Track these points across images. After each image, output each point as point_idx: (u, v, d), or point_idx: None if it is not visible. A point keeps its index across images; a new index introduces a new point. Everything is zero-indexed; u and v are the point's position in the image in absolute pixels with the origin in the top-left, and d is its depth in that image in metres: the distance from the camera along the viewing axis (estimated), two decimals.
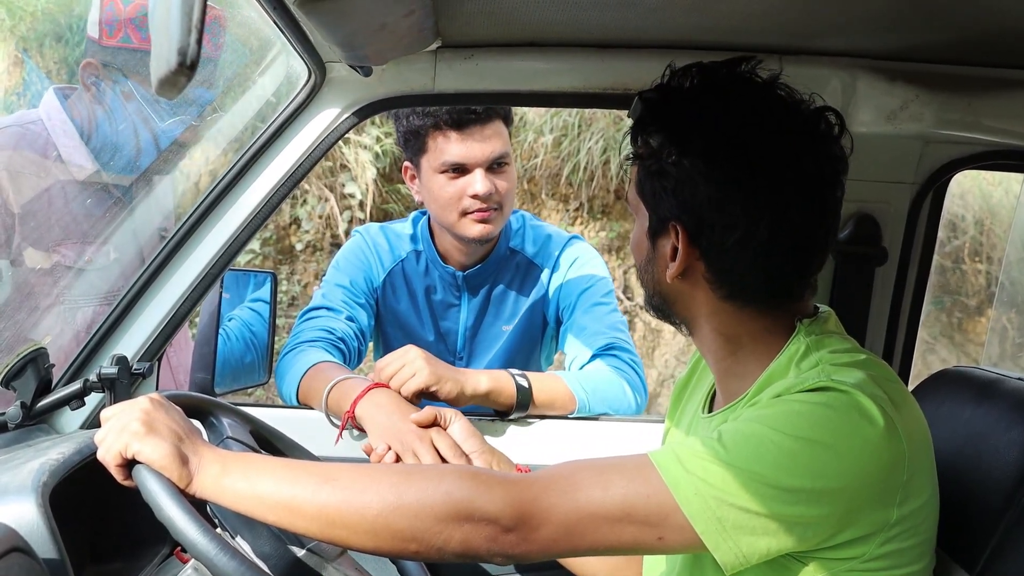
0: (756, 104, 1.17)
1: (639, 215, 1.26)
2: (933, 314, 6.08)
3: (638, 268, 1.29)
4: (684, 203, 1.17)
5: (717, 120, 1.16)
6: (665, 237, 1.21)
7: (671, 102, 1.20)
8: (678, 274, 1.20)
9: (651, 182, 1.20)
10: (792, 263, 1.19)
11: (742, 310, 1.21)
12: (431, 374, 1.69)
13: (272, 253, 6.22)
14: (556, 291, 2.12)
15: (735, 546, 1.05)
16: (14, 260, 2.01)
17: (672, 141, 1.17)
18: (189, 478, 1.11)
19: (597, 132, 6.29)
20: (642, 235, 1.25)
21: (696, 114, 1.18)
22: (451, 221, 2.02)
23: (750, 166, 1.14)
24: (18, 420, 1.49)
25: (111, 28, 1.98)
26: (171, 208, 2.24)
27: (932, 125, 1.65)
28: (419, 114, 1.97)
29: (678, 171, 1.16)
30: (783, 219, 1.15)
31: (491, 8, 1.45)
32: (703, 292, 1.21)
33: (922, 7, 1.35)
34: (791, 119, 1.17)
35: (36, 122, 2.05)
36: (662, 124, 1.19)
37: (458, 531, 1.05)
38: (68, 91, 2.10)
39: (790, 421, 1.07)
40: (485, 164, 1.99)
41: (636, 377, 1.93)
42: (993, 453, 1.30)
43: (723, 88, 1.19)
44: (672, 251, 1.20)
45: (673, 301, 1.26)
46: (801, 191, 1.15)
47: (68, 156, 2.03)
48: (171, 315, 1.69)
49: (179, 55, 0.68)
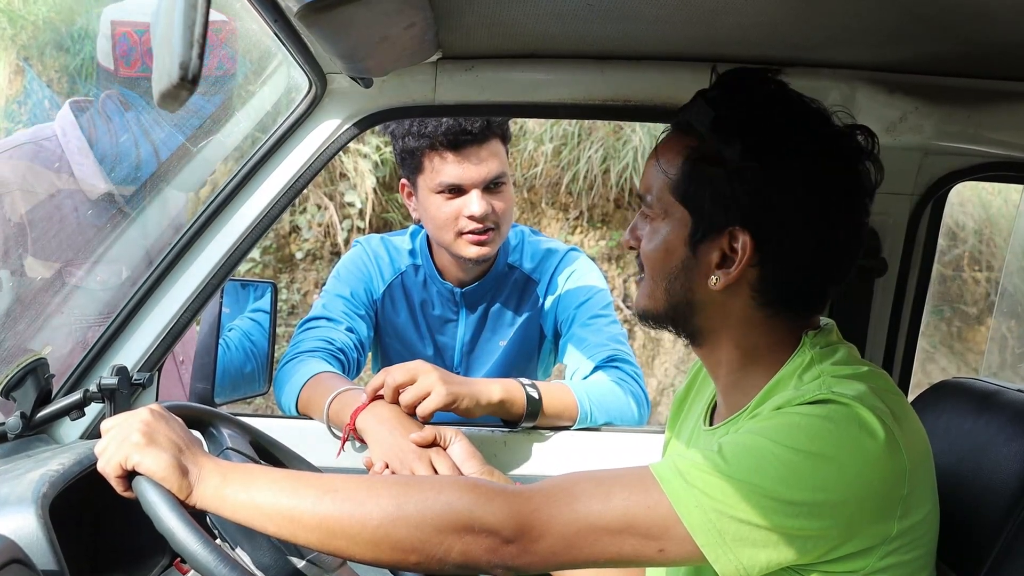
0: (812, 115, 1.19)
1: (670, 220, 1.22)
2: (933, 323, 6.08)
3: (659, 276, 1.24)
4: (752, 209, 1.16)
5: (786, 129, 1.17)
6: (712, 243, 1.18)
7: (741, 105, 1.19)
8: (732, 281, 1.18)
9: (705, 185, 1.18)
10: (833, 269, 1.20)
11: (770, 320, 1.21)
12: (448, 394, 1.66)
13: (272, 262, 6.22)
14: (553, 304, 2.12)
15: (736, 559, 1.05)
16: (24, 273, 2.02)
17: (753, 147, 1.16)
18: (189, 489, 1.11)
19: (597, 141, 6.29)
20: (677, 241, 1.21)
21: (766, 121, 1.17)
22: (448, 241, 2.02)
23: (813, 174, 1.16)
24: (18, 430, 1.49)
25: (127, 59, 2.00)
26: (182, 225, 2.25)
27: (932, 137, 1.65)
28: (415, 135, 1.96)
29: (749, 176, 1.15)
30: (833, 226, 1.17)
31: (492, 20, 1.45)
32: (741, 301, 1.20)
33: (922, 19, 1.35)
34: (839, 134, 1.19)
35: (51, 138, 2.07)
36: (740, 129, 1.17)
37: (458, 542, 1.05)
38: (85, 104, 2.11)
39: (791, 434, 1.07)
40: (481, 185, 1.98)
41: (638, 388, 1.93)
42: (993, 465, 1.29)
43: (784, 98, 1.20)
44: (720, 257, 1.18)
45: (700, 311, 1.23)
46: (849, 200, 1.18)
47: (81, 174, 2.04)
48: (171, 325, 1.69)
49: (181, 69, 0.68)
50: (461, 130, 1.93)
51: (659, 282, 1.24)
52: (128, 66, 2.01)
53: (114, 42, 2.01)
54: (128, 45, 2.00)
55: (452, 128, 1.93)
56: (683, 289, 1.22)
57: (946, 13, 1.32)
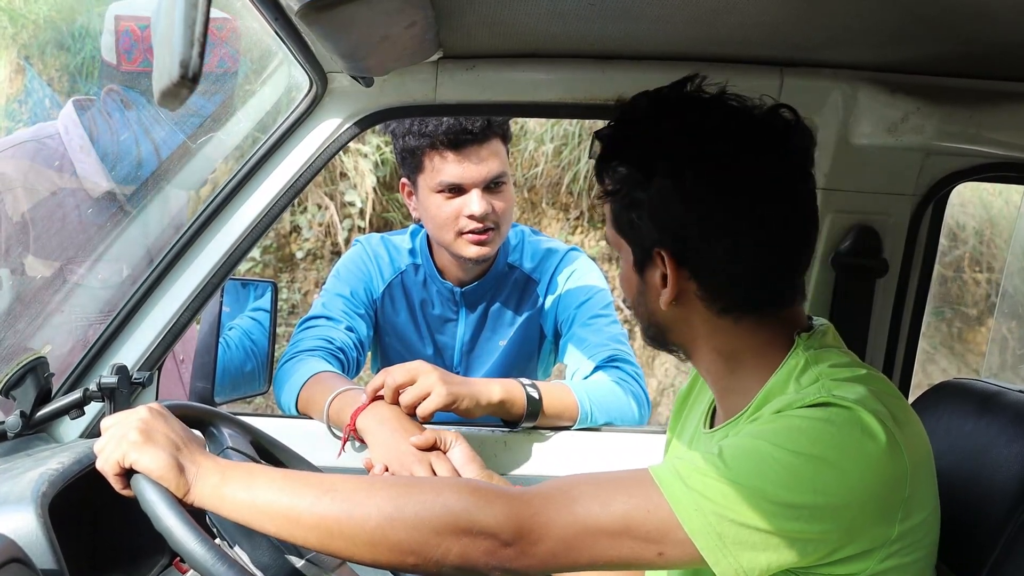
0: (711, 117, 1.19)
1: (623, 251, 1.26)
2: (933, 324, 6.08)
3: (631, 304, 1.29)
4: (663, 227, 1.18)
5: (677, 139, 1.17)
6: (651, 267, 1.22)
7: (629, 133, 1.22)
8: (672, 299, 1.20)
9: (626, 215, 1.21)
10: (779, 261, 1.20)
11: (738, 323, 1.21)
12: (448, 394, 1.66)
13: (272, 261, 6.22)
14: (553, 304, 2.12)
15: (735, 562, 1.05)
16: (24, 271, 2.02)
17: (638, 169, 1.18)
18: (187, 488, 1.11)
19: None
20: (629, 270, 1.26)
21: (655, 138, 1.19)
22: (447, 240, 2.02)
23: (717, 176, 1.15)
24: (17, 429, 1.49)
25: (130, 54, 2.00)
26: (183, 224, 2.25)
27: (933, 137, 1.65)
28: (415, 134, 1.96)
29: (649, 197, 1.17)
30: (760, 220, 1.16)
31: (492, 19, 1.45)
32: (698, 313, 1.21)
33: (924, 20, 1.35)
34: (746, 124, 1.18)
35: (54, 136, 2.06)
36: (624, 156, 1.21)
37: (457, 544, 1.05)
38: (87, 103, 2.11)
39: (791, 437, 1.07)
40: (482, 184, 1.98)
41: (639, 388, 1.93)
42: (993, 466, 1.29)
43: (675, 109, 1.20)
44: (662, 279, 1.20)
45: (670, 328, 1.26)
46: (771, 189, 1.17)
47: (83, 172, 2.04)
48: (171, 324, 1.69)
49: (181, 67, 0.68)
50: (462, 129, 1.93)
51: (635, 309, 1.29)
52: (130, 61, 2.01)
53: (117, 37, 2.01)
54: (131, 40, 2.00)
55: (453, 127, 1.93)
56: (647, 312, 1.26)
57: (948, 13, 1.32)
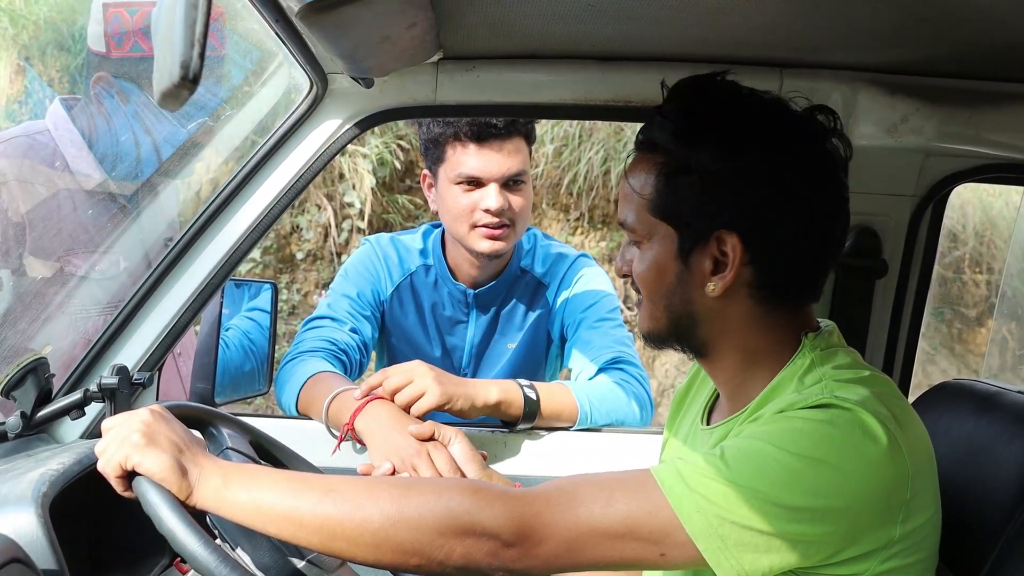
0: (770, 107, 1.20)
1: (653, 239, 1.22)
2: (933, 325, 6.08)
3: (657, 296, 1.24)
4: (738, 207, 1.16)
5: (753, 124, 1.18)
6: (702, 252, 1.19)
7: (714, 110, 1.20)
8: (729, 284, 1.18)
9: (686, 196, 1.18)
10: (825, 251, 1.21)
11: (768, 317, 1.21)
12: (442, 394, 1.68)
13: (273, 262, 6.22)
14: (561, 308, 2.12)
15: (737, 563, 1.05)
16: (20, 270, 2.01)
17: (720, 148, 1.17)
18: (189, 489, 1.11)
19: (598, 142, 6.30)
20: (667, 257, 1.21)
21: (744, 117, 1.19)
22: (462, 233, 2.02)
23: (790, 160, 1.16)
24: (18, 430, 1.48)
25: (119, 40, 1.97)
26: (175, 217, 2.24)
27: (933, 138, 1.65)
28: (440, 122, 1.97)
29: (732, 175, 1.16)
30: (818, 205, 1.18)
31: (492, 20, 1.45)
32: (738, 303, 1.20)
33: (924, 21, 1.35)
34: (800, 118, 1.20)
35: (43, 132, 2.05)
36: (708, 133, 1.18)
37: (459, 545, 1.05)
38: (72, 101, 2.10)
39: (793, 438, 1.07)
40: (501, 180, 1.98)
41: (642, 390, 1.93)
42: (993, 467, 1.29)
43: (738, 96, 1.21)
44: (713, 263, 1.18)
45: (702, 321, 1.23)
46: (827, 175, 1.19)
47: (75, 166, 2.03)
48: (172, 325, 1.68)
49: (182, 68, 0.68)
50: (486, 123, 1.93)
51: (658, 302, 1.24)
52: (120, 47, 1.96)
53: (106, 24, 1.97)
54: (120, 25, 1.96)
55: (478, 120, 1.93)
56: (682, 303, 1.22)
57: (947, 15, 1.32)
